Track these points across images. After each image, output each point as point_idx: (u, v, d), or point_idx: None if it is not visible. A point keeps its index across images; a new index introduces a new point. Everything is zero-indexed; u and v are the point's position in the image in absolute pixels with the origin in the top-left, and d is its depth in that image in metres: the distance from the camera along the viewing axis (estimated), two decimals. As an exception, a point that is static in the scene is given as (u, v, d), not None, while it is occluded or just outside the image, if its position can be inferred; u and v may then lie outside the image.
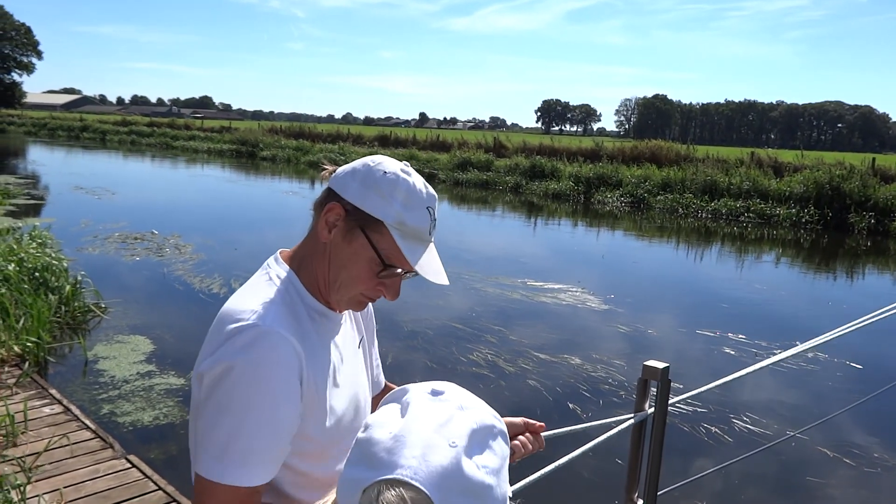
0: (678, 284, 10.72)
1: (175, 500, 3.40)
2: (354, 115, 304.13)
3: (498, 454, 0.67)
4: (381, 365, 1.52)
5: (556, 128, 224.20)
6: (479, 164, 26.96)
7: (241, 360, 1.01)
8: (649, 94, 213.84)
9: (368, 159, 1.16)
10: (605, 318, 8.11)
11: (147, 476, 3.62)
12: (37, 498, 3.30)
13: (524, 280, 9.75)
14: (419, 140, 35.59)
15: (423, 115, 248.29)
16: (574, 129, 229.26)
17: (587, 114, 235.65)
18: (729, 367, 6.48)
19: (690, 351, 7.10)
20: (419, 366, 6.15)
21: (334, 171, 1.17)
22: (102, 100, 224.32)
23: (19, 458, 3.64)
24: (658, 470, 1.72)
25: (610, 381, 6.02)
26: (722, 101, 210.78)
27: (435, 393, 0.70)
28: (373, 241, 1.12)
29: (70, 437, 3.96)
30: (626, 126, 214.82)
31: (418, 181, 1.15)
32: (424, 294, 8.93)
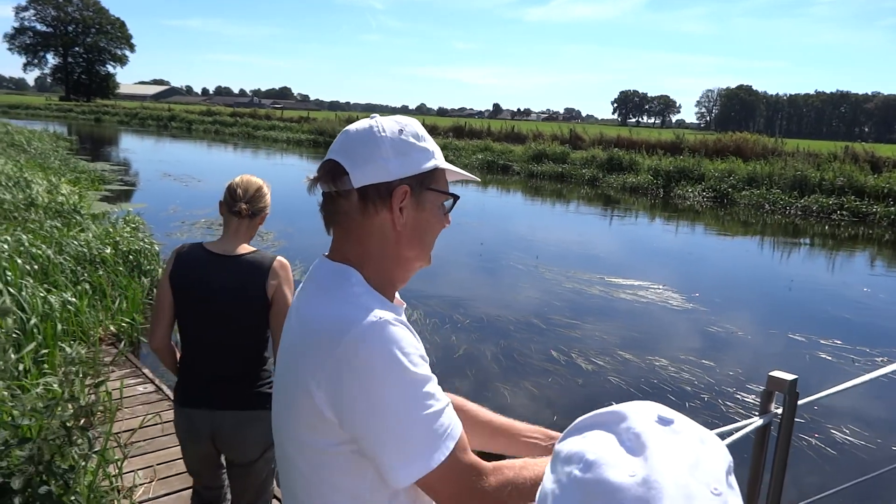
0: (766, 284, 10.22)
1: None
2: (428, 105, 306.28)
3: (738, 494, 0.57)
4: None
5: (633, 119, 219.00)
6: (554, 157, 26.56)
7: (372, 366, 0.97)
8: (732, 85, 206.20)
9: (360, 136, 1.09)
10: (689, 318, 7.81)
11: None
12: (132, 473, 3.43)
13: (602, 276, 9.52)
14: (493, 131, 35.32)
15: (496, 105, 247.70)
16: (652, 120, 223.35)
17: (666, 105, 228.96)
18: (826, 374, 6.14)
19: (783, 355, 6.74)
20: (491, 359, 6.06)
21: (320, 177, 1.09)
22: (189, 90, 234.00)
23: (116, 434, 3.79)
24: (780, 492, 1.60)
25: (696, 383, 5.79)
26: (811, 91, 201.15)
27: (664, 422, 0.58)
28: (439, 187, 1.12)
29: (162, 415, 4.10)
30: (707, 118, 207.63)
31: (394, 117, 1.13)
32: (498, 288, 8.86)
